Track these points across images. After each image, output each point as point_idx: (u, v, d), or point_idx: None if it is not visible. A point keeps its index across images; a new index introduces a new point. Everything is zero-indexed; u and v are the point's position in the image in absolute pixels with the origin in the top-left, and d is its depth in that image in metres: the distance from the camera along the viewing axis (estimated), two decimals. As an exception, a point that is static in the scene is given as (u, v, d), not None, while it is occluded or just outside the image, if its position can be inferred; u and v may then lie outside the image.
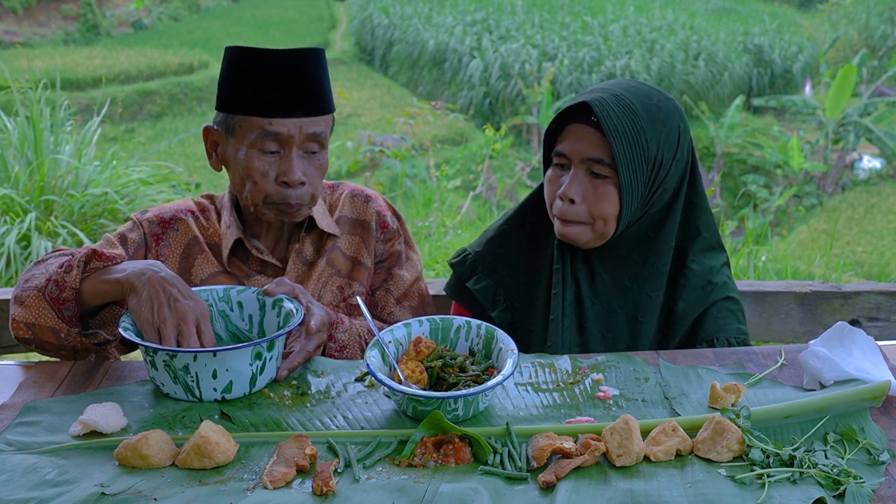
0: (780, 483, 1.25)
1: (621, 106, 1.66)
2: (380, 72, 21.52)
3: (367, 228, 1.99)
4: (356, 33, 23.90)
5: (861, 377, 1.48)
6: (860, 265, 7.73)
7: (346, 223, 1.99)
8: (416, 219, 6.12)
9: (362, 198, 2.03)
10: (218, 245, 1.91)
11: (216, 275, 1.89)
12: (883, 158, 14.47)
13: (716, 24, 21.95)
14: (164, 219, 1.91)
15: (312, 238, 1.95)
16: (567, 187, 1.71)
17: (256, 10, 27.17)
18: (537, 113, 14.66)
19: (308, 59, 1.76)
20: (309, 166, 1.80)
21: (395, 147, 7.28)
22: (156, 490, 1.25)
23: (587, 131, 1.68)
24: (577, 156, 1.70)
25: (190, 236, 1.91)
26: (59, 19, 22.79)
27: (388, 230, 2.02)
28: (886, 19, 22.14)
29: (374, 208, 2.01)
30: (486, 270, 1.90)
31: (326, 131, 1.81)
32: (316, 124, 1.77)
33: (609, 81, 1.76)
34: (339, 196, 2.03)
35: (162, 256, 1.89)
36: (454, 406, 1.40)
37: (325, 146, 1.82)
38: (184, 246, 1.91)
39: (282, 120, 1.74)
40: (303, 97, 1.75)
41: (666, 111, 1.70)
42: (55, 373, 1.61)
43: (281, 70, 1.73)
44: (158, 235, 1.90)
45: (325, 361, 1.64)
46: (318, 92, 1.77)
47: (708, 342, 1.80)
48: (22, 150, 4.43)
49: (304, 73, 1.75)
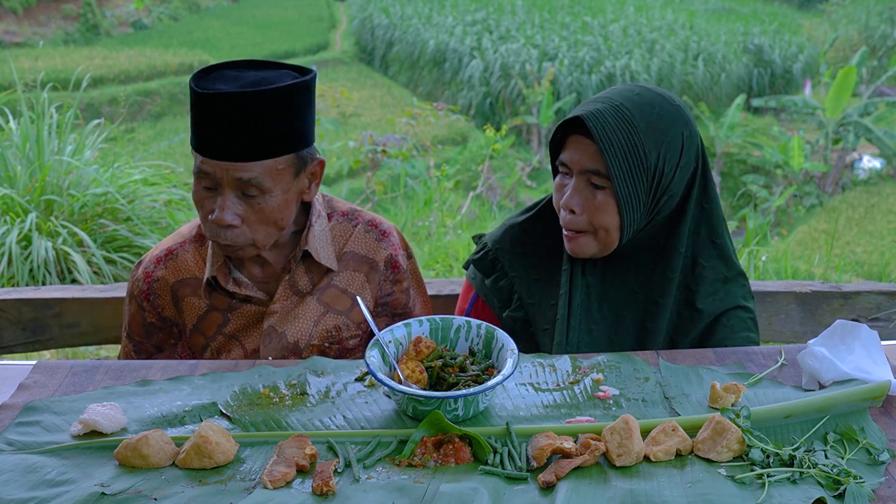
0: (780, 483, 1.25)
1: (618, 117, 1.66)
2: (380, 72, 21.52)
3: (373, 268, 1.92)
4: (356, 33, 23.89)
5: (859, 377, 1.48)
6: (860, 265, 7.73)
7: (353, 259, 1.91)
8: (416, 219, 6.12)
9: (376, 234, 1.94)
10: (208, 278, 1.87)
11: (206, 315, 1.86)
12: (883, 158, 14.47)
13: (716, 24, 21.94)
14: (149, 272, 1.88)
15: (308, 268, 1.88)
16: (568, 198, 1.72)
17: (256, 10, 27.16)
18: (537, 113, 14.66)
19: (257, 100, 1.62)
20: (247, 209, 1.70)
21: (397, 147, 7.29)
22: (156, 490, 1.25)
23: (585, 143, 1.69)
24: (577, 166, 1.71)
25: (176, 279, 1.88)
26: (59, 19, 22.79)
27: (399, 270, 1.95)
28: (886, 19, 22.13)
29: (386, 249, 1.93)
30: (504, 269, 1.90)
31: (263, 177, 1.67)
32: (243, 170, 1.66)
33: (615, 88, 1.75)
34: (353, 227, 1.94)
35: (157, 308, 1.89)
36: (454, 406, 1.40)
37: (267, 191, 1.69)
38: (170, 294, 1.88)
39: (209, 160, 1.67)
40: (230, 140, 1.64)
41: (668, 119, 1.69)
42: (55, 373, 1.61)
43: (216, 110, 1.63)
44: (146, 293, 1.89)
45: (325, 361, 1.63)
46: (255, 136, 1.64)
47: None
48: (23, 151, 4.43)
49: (242, 115, 1.63)
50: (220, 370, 1.62)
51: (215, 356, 1.87)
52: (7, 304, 2.49)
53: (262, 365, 1.63)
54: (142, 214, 4.36)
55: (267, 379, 1.57)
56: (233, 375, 1.59)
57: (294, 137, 1.71)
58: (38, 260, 3.90)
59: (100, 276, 4.02)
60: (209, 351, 1.87)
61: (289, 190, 1.74)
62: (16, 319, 2.49)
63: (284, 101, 1.66)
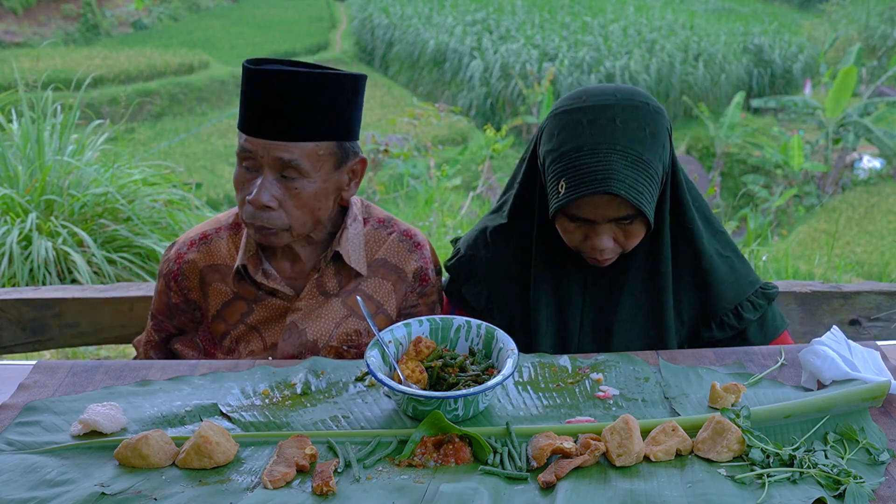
0: (780, 483, 1.25)
1: (635, 167, 1.60)
2: (380, 72, 21.52)
3: (401, 277, 1.90)
4: (356, 33, 23.91)
5: (860, 377, 1.48)
6: (860, 265, 7.73)
7: (382, 266, 1.90)
8: (416, 218, 6.12)
9: (409, 245, 1.92)
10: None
11: (231, 302, 1.87)
12: (883, 158, 14.46)
13: (715, 24, 21.95)
14: (181, 254, 1.90)
15: (338, 270, 1.87)
16: (601, 242, 1.66)
17: (256, 10, 27.17)
18: (537, 113, 14.65)
19: (304, 81, 1.66)
20: (284, 192, 1.72)
21: (399, 147, 7.28)
22: (156, 490, 1.25)
23: (607, 198, 1.61)
24: (602, 218, 1.65)
25: (206, 263, 1.89)
26: (59, 19, 22.79)
27: (428, 283, 1.93)
28: (886, 19, 22.14)
29: (417, 261, 1.91)
30: (479, 277, 1.88)
31: (302, 160, 1.69)
32: (284, 150, 1.68)
33: (598, 120, 1.63)
34: (388, 235, 1.93)
35: (184, 290, 1.90)
36: (454, 406, 1.40)
37: (305, 174, 1.71)
38: (198, 278, 1.89)
39: (252, 138, 1.70)
40: (275, 119, 1.67)
41: (657, 130, 1.65)
42: (55, 373, 1.61)
43: (267, 89, 1.67)
44: (175, 273, 1.90)
45: (324, 361, 1.64)
46: (300, 117, 1.67)
47: (732, 310, 1.79)
48: (24, 151, 4.43)
49: (290, 96, 1.66)
50: (220, 370, 1.62)
51: (234, 345, 1.87)
52: (7, 304, 2.49)
53: (262, 365, 1.63)
54: (142, 214, 4.36)
55: (267, 379, 1.57)
56: (233, 375, 1.59)
57: (338, 126, 1.73)
58: (38, 260, 3.89)
59: (100, 276, 4.01)
60: (229, 339, 1.87)
61: (328, 180, 1.75)
62: (16, 319, 2.49)
63: (332, 88, 1.69)
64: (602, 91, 1.68)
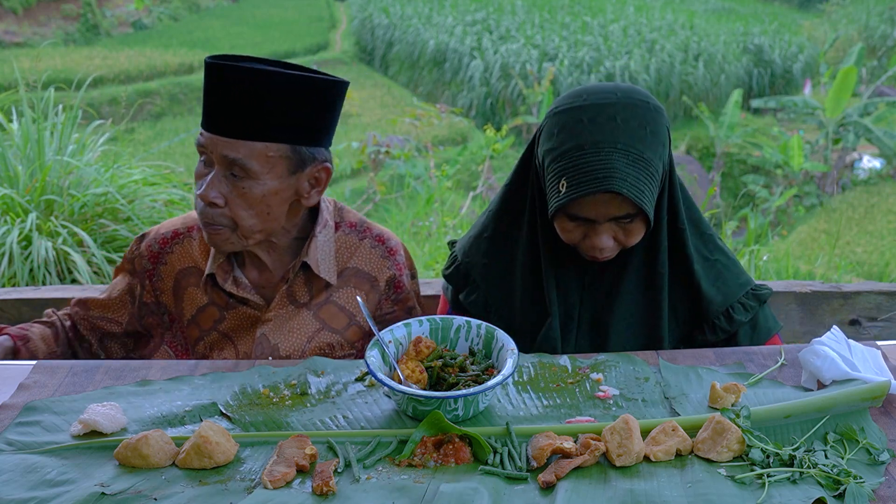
0: (780, 483, 1.25)
1: (636, 165, 1.59)
2: (380, 72, 21.52)
3: (374, 287, 1.88)
4: (356, 33, 23.90)
5: (860, 377, 1.48)
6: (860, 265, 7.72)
7: (354, 275, 1.87)
8: (416, 218, 6.12)
9: (382, 251, 1.91)
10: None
11: (205, 308, 1.84)
12: (883, 158, 14.46)
13: (715, 24, 21.95)
14: (154, 252, 1.87)
15: (308, 279, 1.84)
16: (602, 241, 1.66)
17: (256, 10, 27.16)
18: (537, 113, 14.65)
19: (255, 79, 1.61)
20: (231, 190, 1.68)
21: (400, 148, 7.28)
22: (156, 490, 1.25)
23: (607, 197, 1.61)
24: (603, 217, 1.64)
25: (181, 266, 1.86)
26: (59, 19, 22.79)
27: (402, 290, 1.92)
28: (886, 19, 22.13)
29: (390, 269, 1.90)
30: (477, 283, 1.87)
31: (250, 160, 1.65)
32: (231, 147, 1.64)
33: (598, 119, 1.63)
34: (360, 241, 1.90)
35: (157, 291, 1.88)
36: (454, 406, 1.40)
37: (254, 175, 1.66)
38: (174, 278, 1.86)
39: (206, 133, 1.67)
40: (225, 115, 1.63)
41: (657, 129, 1.65)
42: (55, 373, 1.61)
43: (219, 84, 1.63)
44: (150, 273, 1.88)
45: (325, 361, 1.64)
46: (249, 116, 1.62)
47: (723, 313, 1.78)
48: (24, 151, 4.43)
49: (242, 93, 1.61)
50: (220, 370, 1.62)
51: (208, 352, 1.86)
52: (7, 304, 2.49)
53: (262, 365, 1.63)
54: (142, 214, 4.36)
55: (267, 379, 1.57)
56: (233, 375, 1.59)
57: (291, 129, 1.67)
58: (38, 260, 3.89)
59: (100, 276, 4.01)
60: (202, 344, 1.86)
61: (282, 184, 1.70)
62: (16, 319, 2.49)
63: (292, 90, 1.64)
64: (601, 89, 1.68)
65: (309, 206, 1.79)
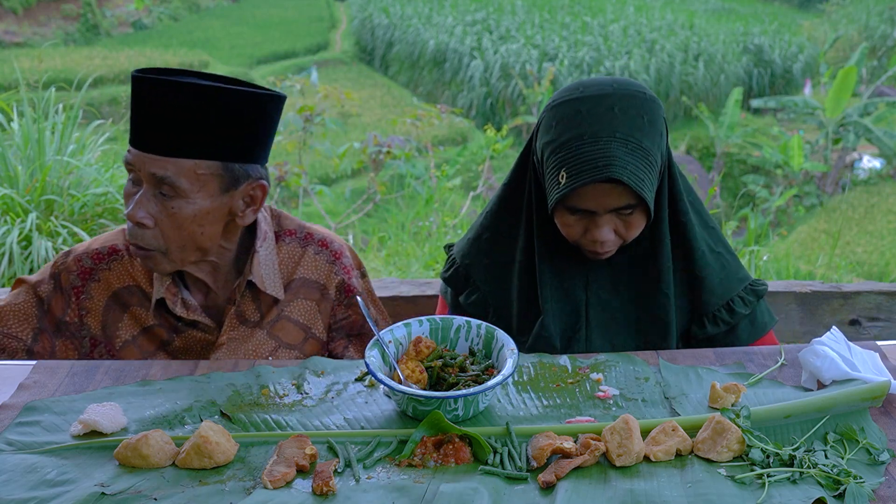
0: (780, 483, 1.25)
1: (635, 154, 1.59)
2: (380, 72, 21.53)
3: (325, 295, 1.84)
4: (356, 33, 23.91)
5: (860, 377, 1.48)
6: (860, 265, 7.73)
7: (303, 286, 1.82)
8: (416, 219, 6.13)
9: (327, 256, 1.85)
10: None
11: (150, 329, 1.75)
12: (883, 158, 14.47)
13: (715, 24, 21.96)
14: (86, 268, 1.76)
15: (255, 297, 1.78)
16: (602, 234, 1.65)
17: (256, 10, 27.18)
18: (538, 113, 14.65)
19: (180, 93, 1.54)
20: (161, 210, 1.60)
21: (401, 148, 7.28)
22: (156, 490, 1.25)
23: (608, 187, 1.60)
24: (603, 208, 1.64)
25: (121, 284, 1.76)
26: (59, 19, 22.80)
27: (353, 294, 1.86)
28: (886, 19, 22.14)
29: (338, 274, 1.85)
30: (476, 284, 1.86)
31: (179, 178, 1.58)
32: (159, 165, 1.57)
33: (595, 111, 1.62)
34: (303, 249, 1.84)
35: (82, 310, 1.76)
36: (454, 406, 1.40)
37: (183, 194, 1.59)
38: (106, 300, 1.76)
39: (133, 150, 1.60)
40: (152, 131, 1.56)
41: (655, 119, 1.65)
42: (55, 373, 1.61)
43: (146, 99, 1.56)
44: (79, 289, 1.76)
45: (325, 361, 1.63)
46: (181, 132, 1.55)
47: (724, 306, 1.78)
48: (24, 151, 4.44)
49: (169, 108, 1.54)
50: (220, 370, 1.62)
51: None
52: (7, 304, 2.49)
53: (262, 365, 1.63)
54: (142, 214, 4.36)
55: (267, 379, 1.57)
56: (233, 375, 1.59)
57: (222, 145, 1.60)
58: (38, 260, 3.90)
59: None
60: None
61: (214, 203, 1.63)
62: (16, 319, 2.49)
63: (217, 104, 1.56)
64: (598, 82, 1.69)
65: (244, 225, 1.72)
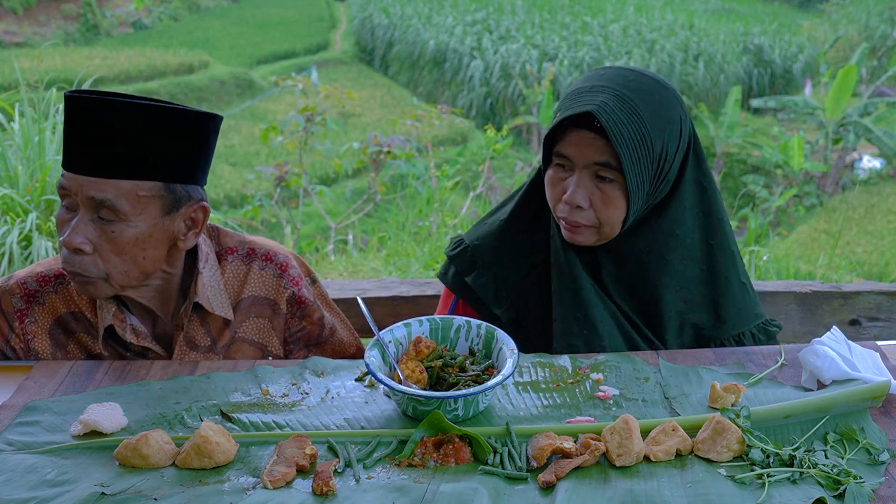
0: (780, 483, 1.25)
1: (626, 110, 1.61)
2: (380, 72, 21.53)
3: (276, 311, 1.80)
4: (356, 33, 23.90)
5: (860, 377, 1.48)
6: (860, 265, 7.73)
7: (253, 304, 1.78)
8: (416, 219, 6.13)
9: (273, 270, 1.80)
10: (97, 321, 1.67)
11: (97, 357, 1.69)
12: (883, 158, 14.47)
13: (715, 24, 21.96)
14: (31, 290, 1.69)
15: (204, 320, 1.72)
16: (573, 193, 1.66)
17: (256, 10, 27.17)
18: (538, 113, 14.66)
19: (117, 112, 1.49)
20: (100, 235, 1.54)
21: (402, 148, 7.28)
22: (156, 490, 1.25)
23: (590, 137, 1.63)
24: (582, 160, 1.65)
25: (67, 309, 1.70)
26: (59, 19, 22.80)
27: (305, 305, 1.83)
28: (886, 19, 22.14)
29: (287, 288, 1.80)
30: (486, 266, 1.85)
31: (119, 200, 1.52)
32: (97, 188, 1.51)
33: (606, 74, 1.68)
34: (248, 266, 1.80)
35: (26, 336, 1.69)
36: (454, 406, 1.40)
37: (124, 217, 1.53)
38: (50, 325, 1.70)
39: (68, 173, 1.53)
40: (89, 153, 1.50)
41: (668, 106, 1.66)
42: (55, 373, 1.61)
43: (81, 119, 1.50)
44: (23, 312, 1.69)
45: (325, 361, 1.64)
46: (116, 152, 1.50)
47: (734, 337, 1.79)
48: (25, 151, 4.44)
49: (106, 128, 1.49)
50: (220, 370, 1.62)
51: None
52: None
53: (262, 365, 1.63)
54: (142, 214, 4.36)
55: (267, 379, 1.57)
56: (233, 375, 1.59)
57: (162, 166, 1.55)
58: (37, 260, 3.90)
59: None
60: None
61: (155, 226, 1.58)
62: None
63: (160, 124, 1.52)
64: (617, 67, 1.73)
65: (186, 248, 1.67)
